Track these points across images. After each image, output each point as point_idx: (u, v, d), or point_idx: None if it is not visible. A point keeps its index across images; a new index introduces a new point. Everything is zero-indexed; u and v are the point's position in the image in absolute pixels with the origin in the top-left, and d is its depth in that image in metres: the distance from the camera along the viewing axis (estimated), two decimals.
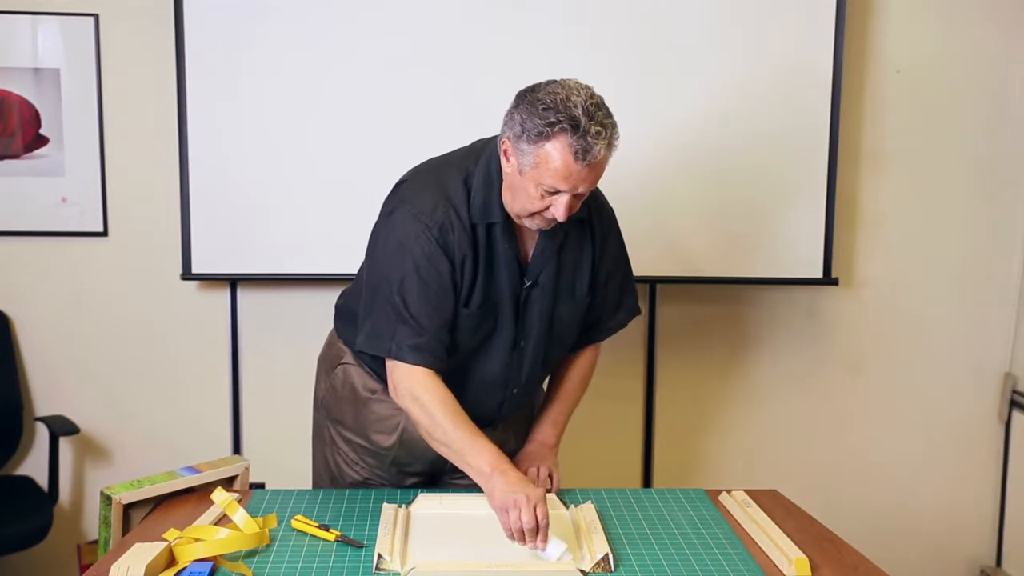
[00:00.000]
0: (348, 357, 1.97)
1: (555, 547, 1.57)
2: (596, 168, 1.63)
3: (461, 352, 1.82)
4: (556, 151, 1.59)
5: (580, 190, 1.64)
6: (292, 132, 2.75)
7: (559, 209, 1.65)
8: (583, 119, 1.57)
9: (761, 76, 2.80)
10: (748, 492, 1.88)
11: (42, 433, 2.93)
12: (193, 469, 1.85)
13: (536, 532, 1.57)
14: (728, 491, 1.88)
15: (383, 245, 1.79)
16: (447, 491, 1.89)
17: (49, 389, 2.96)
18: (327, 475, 2.05)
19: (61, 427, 2.82)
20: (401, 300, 1.74)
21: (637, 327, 3.01)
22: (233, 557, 1.57)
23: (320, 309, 2.92)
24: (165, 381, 2.99)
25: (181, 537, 1.57)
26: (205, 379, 2.99)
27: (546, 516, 1.57)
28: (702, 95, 2.79)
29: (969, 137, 3.03)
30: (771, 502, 1.86)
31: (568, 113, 1.58)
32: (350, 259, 2.71)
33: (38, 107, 2.82)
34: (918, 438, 3.17)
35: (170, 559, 1.52)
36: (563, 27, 2.73)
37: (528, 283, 1.80)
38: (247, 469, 1.92)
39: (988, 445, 3.19)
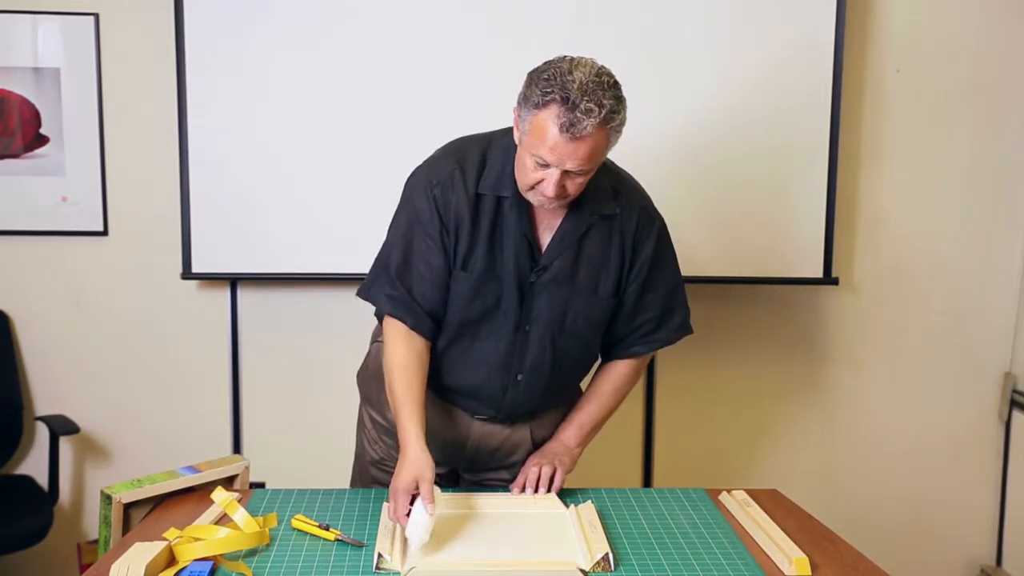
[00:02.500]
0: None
1: (413, 526, 1.58)
2: (585, 145, 1.60)
3: (461, 322, 1.82)
4: (546, 121, 1.60)
5: (568, 166, 1.62)
6: (292, 132, 2.75)
7: (549, 184, 1.65)
8: (575, 93, 1.57)
9: (761, 76, 2.80)
10: (748, 492, 1.88)
11: (42, 432, 2.93)
12: (193, 468, 1.85)
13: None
14: (728, 491, 1.88)
15: (400, 199, 1.86)
16: (447, 490, 1.89)
17: (49, 389, 2.96)
18: (356, 455, 2.09)
19: (61, 426, 2.82)
20: (390, 250, 1.82)
21: None
22: (233, 556, 1.57)
23: (320, 308, 2.95)
24: (165, 381, 2.99)
25: (181, 536, 1.57)
26: (205, 379, 2.99)
27: (401, 508, 1.61)
28: (702, 94, 2.79)
29: (969, 136, 3.03)
30: (771, 501, 1.86)
31: (563, 86, 1.58)
32: (350, 258, 2.73)
33: (38, 106, 2.82)
34: (918, 438, 3.17)
35: (170, 558, 1.52)
36: (563, 27, 2.72)
37: (539, 267, 1.79)
38: (247, 468, 1.92)
39: (988, 445, 3.19)
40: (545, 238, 1.80)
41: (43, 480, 2.86)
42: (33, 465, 2.96)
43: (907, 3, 2.95)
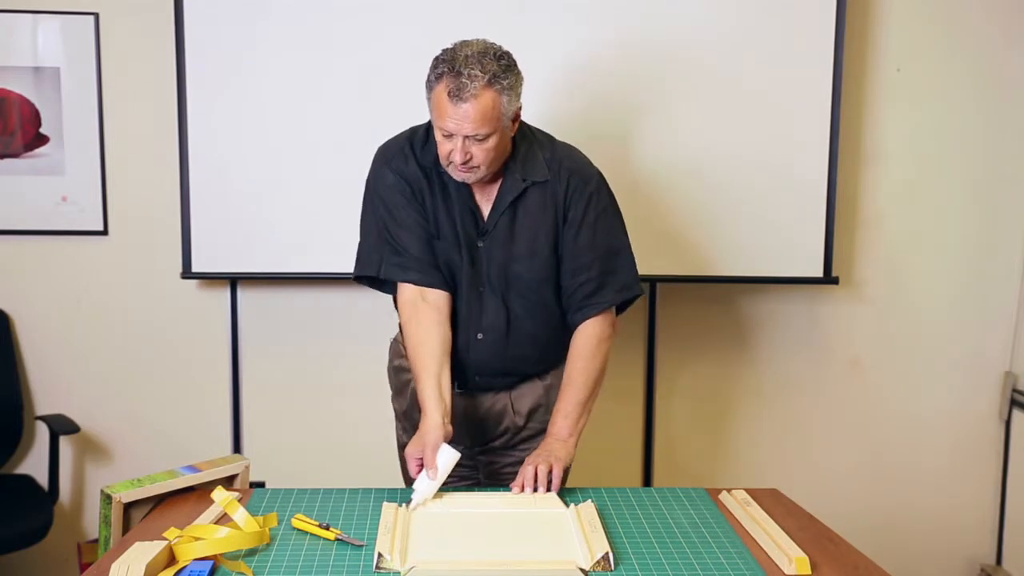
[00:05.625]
0: None
1: (418, 488, 1.79)
2: (474, 107, 1.74)
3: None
4: (440, 94, 1.77)
5: (466, 130, 1.76)
6: (292, 132, 2.75)
7: (456, 152, 1.80)
8: (460, 63, 1.74)
9: (762, 76, 2.80)
10: (748, 491, 1.88)
11: (42, 432, 2.93)
12: (193, 468, 1.86)
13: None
14: (728, 490, 1.88)
15: (366, 187, 2.03)
16: (446, 489, 1.89)
17: (49, 388, 2.96)
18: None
19: (61, 426, 2.82)
20: (378, 225, 1.97)
21: (637, 327, 3.02)
22: (233, 556, 1.57)
23: (320, 308, 2.95)
24: (165, 380, 2.99)
25: (181, 536, 1.57)
26: (205, 378, 2.99)
27: (411, 469, 1.84)
28: (702, 95, 2.79)
29: (969, 136, 3.03)
30: (771, 501, 1.86)
31: (451, 60, 1.76)
32: (350, 258, 2.71)
33: (38, 106, 2.82)
34: (918, 437, 3.17)
35: (170, 558, 1.52)
36: (563, 27, 2.72)
37: (482, 232, 1.94)
38: (247, 468, 1.92)
39: (988, 444, 3.19)
40: (486, 208, 1.95)
41: (43, 479, 2.86)
42: (33, 464, 2.96)
43: (907, 3, 2.95)
